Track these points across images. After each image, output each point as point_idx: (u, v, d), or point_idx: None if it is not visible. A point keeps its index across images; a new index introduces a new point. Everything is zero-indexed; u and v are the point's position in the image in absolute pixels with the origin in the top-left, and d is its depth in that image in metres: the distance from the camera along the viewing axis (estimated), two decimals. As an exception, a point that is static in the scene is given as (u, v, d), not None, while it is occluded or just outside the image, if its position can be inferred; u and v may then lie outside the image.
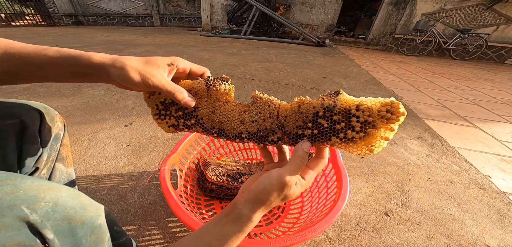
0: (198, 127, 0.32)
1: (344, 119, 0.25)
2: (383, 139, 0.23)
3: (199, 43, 4.02)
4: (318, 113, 0.26)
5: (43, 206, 0.20)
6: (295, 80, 2.05)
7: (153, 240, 0.57)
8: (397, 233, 0.63)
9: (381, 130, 0.23)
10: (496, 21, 4.60)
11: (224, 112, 0.31)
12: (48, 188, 0.21)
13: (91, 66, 0.27)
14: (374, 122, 0.23)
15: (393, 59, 4.09)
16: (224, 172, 0.66)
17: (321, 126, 0.26)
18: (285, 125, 0.28)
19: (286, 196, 0.26)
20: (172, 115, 0.32)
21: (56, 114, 0.40)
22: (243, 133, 0.30)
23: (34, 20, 6.32)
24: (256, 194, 0.27)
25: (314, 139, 0.27)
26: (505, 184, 0.86)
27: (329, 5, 5.42)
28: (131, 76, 0.27)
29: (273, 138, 0.29)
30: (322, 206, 0.54)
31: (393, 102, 0.22)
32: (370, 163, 0.92)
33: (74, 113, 1.17)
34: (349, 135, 0.24)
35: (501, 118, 1.53)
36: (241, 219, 0.27)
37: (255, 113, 0.30)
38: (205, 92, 0.30)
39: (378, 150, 0.24)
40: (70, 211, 0.21)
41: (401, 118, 0.22)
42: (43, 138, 0.36)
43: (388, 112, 0.22)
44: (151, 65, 0.29)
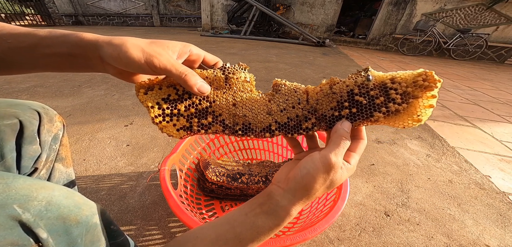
0: (217, 125, 0.26)
1: (382, 93, 0.24)
2: (427, 107, 0.22)
3: (199, 43, 4.02)
4: (353, 91, 0.25)
5: (35, 205, 0.19)
6: (295, 80, 2.03)
7: (153, 240, 0.57)
8: (397, 233, 0.63)
9: (423, 99, 0.22)
10: (496, 21, 4.60)
11: (247, 104, 0.27)
12: (41, 187, 0.21)
13: (81, 45, 0.23)
14: (413, 92, 0.22)
15: (393, 59, 4.09)
16: (224, 172, 0.66)
17: (360, 103, 0.24)
18: (318, 109, 0.26)
19: (332, 181, 0.23)
20: (181, 115, 0.26)
21: (55, 114, 0.39)
22: (273, 124, 0.26)
23: (34, 20, 6.32)
24: (298, 182, 0.23)
25: (354, 117, 0.25)
26: (505, 184, 0.86)
27: (329, 5, 5.42)
28: (131, 53, 0.23)
29: (307, 125, 0.26)
30: (322, 206, 0.54)
31: (427, 72, 0.22)
32: (370, 163, 0.92)
33: (74, 113, 1.17)
34: (392, 108, 0.23)
35: (501, 118, 1.53)
36: (278, 211, 0.24)
37: (282, 101, 0.27)
38: (223, 82, 0.26)
39: (425, 118, 0.22)
40: (64, 210, 0.21)
41: (438, 84, 0.22)
42: (42, 138, 0.36)
43: (425, 81, 0.22)
44: (158, 45, 0.24)
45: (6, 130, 0.31)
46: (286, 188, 0.24)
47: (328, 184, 0.23)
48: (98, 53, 0.24)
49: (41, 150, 0.36)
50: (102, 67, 0.25)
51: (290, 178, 0.24)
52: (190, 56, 0.27)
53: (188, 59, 0.27)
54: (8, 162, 0.31)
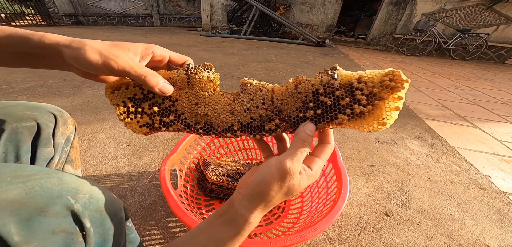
0: (179, 123, 0.27)
1: (348, 94, 0.23)
2: (393, 110, 0.21)
3: (199, 43, 4.02)
4: (318, 90, 0.24)
5: (82, 197, 0.21)
6: (295, 80, 2.05)
7: (153, 240, 0.57)
8: (397, 233, 0.63)
9: (389, 101, 0.21)
10: (496, 21, 4.60)
11: (210, 104, 0.26)
12: (84, 182, 0.23)
13: (43, 46, 0.24)
14: (379, 93, 0.21)
15: (393, 59, 4.09)
16: (224, 172, 0.66)
17: (324, 104, 0.23)
18: (282, 109, 0.25)
19: (289, 188, 0.22)
20: (144, 113, 0.27)
21: (68, 117, 0.40)
22: (235, 124, 0.26)
23: (34, 20, 6.33)
24: (253, 188, 0.23)
25: (318, 119, 0.24)
26: (505, 184, 0.86)
27: (329, 5, 5.42)
28: (88, 56, 0.23)
29: (270, 126, 0.25)
30: (322, 206, 0.54)
31: (394, 71, 0.21)
32: (370, 163, 0.92)
33: (74, 113, 1.17)
34: (356, 110, 0.22)
35: (501, 118, 1.53)
36: (237, 220, 0.23)
37: (246, 101, 0.26)
38: (186, 82, 0.26)
39: (390, 122, 0.21)
40: (101, 204, 0.23)
41: (405, 85, 0.20)
42: (56, 140, 0.37)
43: (392, 81, 0.21)
44: (118, 47, 0.24)
45: (23, 131, 0.31)
46: (244, 195, 0.24)
47: (285, 191, 0.22)
48: (59, 55, 0.24)
49: (54, 152, 0.37)
50: (66, 67, 0.26)
51: (248, 184, 0.24)
52: (154, 57, 0.27)
53: (152, 60, 0.27)
54: (23, 163, 0.31)
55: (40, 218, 0.18)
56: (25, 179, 0.19)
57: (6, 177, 0.18)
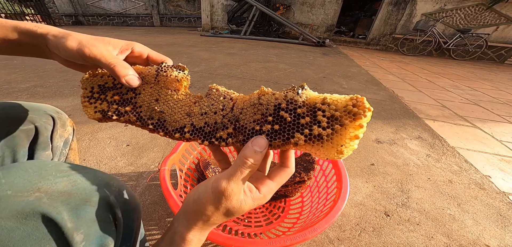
0: (132, 115, 0.26)
1: (309, 113, 0.22)
2: (353, 139, 0.20)
3: (199, 43, 4.02)
4: (280, 105, 0.23)
5: (113, 190, 0.23)
6: (295, 80, 2.05)
7: (153, 240, 0.57)
8: (397, 233, 0.63)
9: (349, 128, 0.20)
10: (496, 21, 4.60)
11: (169, 102, 0.26)
12: (113, 177, 0.25)
13: (34, 35, 0.25)
14: (341, 118, 0.20)
15: (393, 59, 4.09)
16: (224, 172, 0.66)
17: (283, 120, 0.22)
18: (240, 118, 0.24)
19: (228, 209, 0.21)
20: (105, 100, 0.27)
21: (67, 119, 0.40)
22: (187, 126, 0.25)
23: (34, 20, 6.32)
24: (190, 206, 0.22)
25: (275, 136, 0.22)
26: (505, 184, 0.86)
27: (329, 5, 5.42)
28: (68, 44, 0.24)
29: (222, 134, 0.24)
30: (322, 206, 0.54)
31: (358, 97, 0.20)
32: (370, 163, 0.92)
33: (74, 114, 1.17)
34: (315, 131, 0.21)
35: (501, 118, 1.53)
36: (175, 239, 0.22)
37: (206, 105, 0.25)
38: (153, 78, 0.27)
39: (348, 152, 0.20)
40: (127, 197, 0.24)
41: (367, 114, 0.19)
42: (54, 143, 0.36)
43: (355, 107, 0.20)
44: (98, 40, 0.25)
45: (21, 135, 0.31)
46: (182, 211, 0.23)
47: (224, 212, 0.21)
48: (44, 43, 0.25)
49: (52, 155, 0.36)
50: (50, 56, 0.27)
51: (187, 200, 0.23)
52: (133, 52, 0.28)
53: (131, 55, 0.29)
54: None
55: (85, 207, 0.19)
56: (67, 173, 0.21)
57: (51, 171, 0.20)
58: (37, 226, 0.16)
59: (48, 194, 0.18)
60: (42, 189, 0.18)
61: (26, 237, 0.16)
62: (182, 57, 2.71)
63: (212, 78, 1.92)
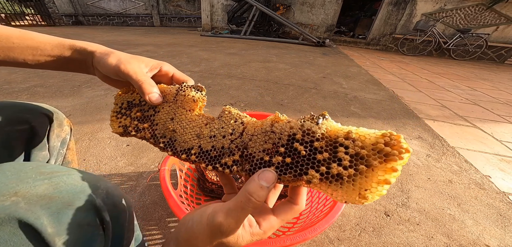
0: (147, 132, 0.27)
1: (328, 148, 0.19)
2: (382, 183, 0.16)
3: (199, 43, 4.02)
4: (295, 136, 0.20)
5: (100, 193, 0.22)
6: (295, 80, 2.05)
7: (153, 240, 0.57)
8: (397, 233, 0.63)
9: (378, 171, 0.16)
10: (496, 21, 4.60)
11: (182, 121, 0.26)
12: (101, 179, 0.24)
13: (86, 52, 0.28)
14: (368, 158, 0.17)
15: (393, 59, 4.09)
16: (224, 172, 0.66)
17: (297, 153, 0.19)
18: (249, 146, 0.22)
19: (222, 244, 0.19)
20: (129, 116, 0.28)
21: (64, 118, 0.39)
22: (194, 148, 0.24)
23: (34, 20, 6.32)
24: (182, 234, 0.21)
25: (285, 170, 0.19)
26: (505, 184, 0.86)
27: (329, 5, 5.42)
28: (108, 61, 0.27)
29: (227, 160, 0.22)
30: (322, 206, 0.54)
31: (392, 134, 0.17)
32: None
33: (74, 113, 1.17)
34: (333, 170, 0.18)
35: (501, 118, 1.53)
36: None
37: (216, 127, 0.24)
38: (172, 97, 0.27)
39: (373, 197, 0.16)
40: (116, 199, 0.24)
41: (405, 156, 0.16)
42: (51, 143, 0.36)
43: (387, 146, 0.16)
44: (134, 58, 0.28)
45: (17, 135, 0.31)
46: (174, 237, 0.22)
47: (216, 245, 0.19)
48: (91, 59, 0.28)
49: (49, 155, 0.36)
50: (92, 71, 0.30)
51: (179, 227, 0.22)
52: (160, 71, 0.30)
53: (158, 74, 0.31)
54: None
55: (68, 211, 0.18)
56: (49, 176, 0.20)
57: (31, 174, 0.19)
58: (14, 232, 0.15)
59: (26, 198, 0.17)
60: (19, 193, 0.17)
61: (2, 243, 0.15)
62: (182, 57, 2.71)
63: (212, 78, 1.92)
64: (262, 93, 1.65)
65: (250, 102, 1.47)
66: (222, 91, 1.64)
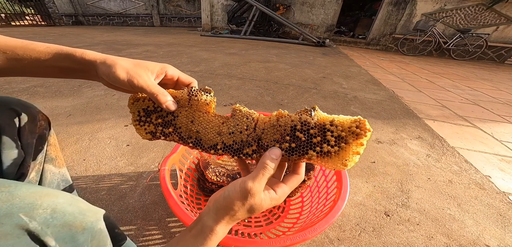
0: (175, 135, 0.31)
1: (320, 133, 0.25)
2: (355, 154, 0.24)
3: (199, 43, 4.02)
4: (296, 126, 0.26)
5: (41, 213, 0.19)
6: (295, 80, 2.05)
7: (153, 240, 0.57)
8: (397, 233, 0.63)
9: (352, 146, 0.24)
10: (496, 21, 4.59)
11: (202, 123, 0.31)
12: (45, 194, 0.21)
13: (83, 62, 0.28)
14: (346, 137, 0.24)
15: (393, 59, 4.09)
16: (224, 172, 0.66)
17: (299, 139, 0.26)
18: (262, 137, 0.28)
19: (251, 206, 0.24)
20: (151, 123, 0.32)
21: (37, 113, 0.36)
22: (219, 144, 0.30)
23: (34, 20, 6.32)
24: (219, 202, 0.25)
25: (292, 152, 0.26)
26: (505, 184, 0.86)
27: (329, 5, 5.42)
28: (118, 74, 0.27)
29: (248, 151, 0.29)
30: (322, 206, 0.54)
31: (360, 119, 0.24)
32: (370, 163, 0.92)
33: (74, 113, 1.17)
34: (324, 149, 0.25)
35: (501, 118, 1.53)
36: (204, 231, 0.24)
37: (232, 125, 0.30)
38: (187, 102, 0.31)
39: (351, 164, 0.24)
40: (69, 217, 0.21)
41: (368, 134, 0.23)
42: (24, 141, 0.33)
43: (357, 128, 0.23)
44: (140, 67, 0.29)
45: None
46: (212, 208, 0.25)
47: (248, 208, 0.24)
48: (94, 70, 0.28)
49: (24, 153, 0.33)
50: (97, 79, 0.30)
51: (216, 198, 0.26)
52: (166, 76, 0.32)
53: (164, 78, 0.32)
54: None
55: None
56: None
57: None
58: None
59: None
60: None
61: None
62: (182, 57, 2.71)
63: (212, 78, 1.92)
64: (262, 93, 1.65)
65: (250, 102, 1.47)
66: (222, 91, 1.64)
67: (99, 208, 0.27)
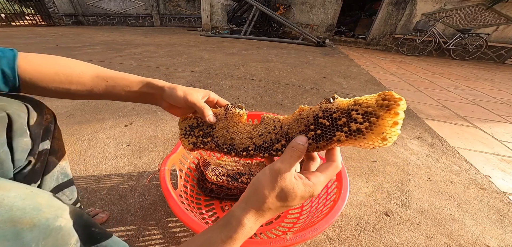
0: (212, 143, 0.36)
1: (345, 115, 0.25)
2: (393, 125, 0.22)
3: (199, 43, 4.02)
4: (318, 115, 0.27)
5: None
6: (295, 80, 2.05)
7: (153, 240, 0.57)
8: (397, 233, 0.63)
9: (386, 118, 0.22)
10: (496, 21, 4.59)
11: (235, 130, 0.35)
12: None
13: (157, 87, 0.37)
14: (375, 112, 0.22)
15: (393, 59, 4.09)
16: (224, 172, 0.66)
17: (323, 125, 0.26)
18: (289, 132, 0.30)
19: (282, 188, 0.23)
20: (194, 135, 0.38)
21: (44, 107, 0.39)
22: (250, 146, 0.33)
23: (34, 20, 6.32)
24: (250, 189, 0.24)
25: (319, 138, 0.26)
26: (505, 184, 0.86)
27: (329, 5, 5.42)
28: (178, 93, 0.36)
29: (277, 146, 0.31)
30: (322, 206, 0.54)
31: (386, 92, 0.23)
32: (370, 163, 0.92)
33: (74, 113, 1.17)
34: (353, 127, 0.24)
35: (501, 118, 1.53)
36: (231, 221, 0.24)
37: (262, 128, 0.33)
38: (223, 116, 0.37)
39: (392, 137, 0.22)
40: (16, 213, 0.20)
41: (400, 103, 0.21)
42: (33, 131, 0.35)
43: (385, 100, 0.22)
44: (193, 90, 0.38)
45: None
46: (242, 198, 0.25)
47: (278, 192, 0.23)
48: (161, 92, 0.37)
49: (33, 142, 0.35)
50: (159, 102, 0.39)
51: (247, 189, 0.26)
52: (209, 98, 0.40)
53: (207, 100, 0.40)
54: (1, 156, 0.30)
55: None
56: None
57: None
58: None
59: None
60: None
61: None
62: (182, 57, 2.71)
63: (212, 78, 1.92)
64: (262, 93, 1.65)
65: (250, 102, 1.47)
66: (222, 91, 1.64)
67: (68, 204, 0.26)
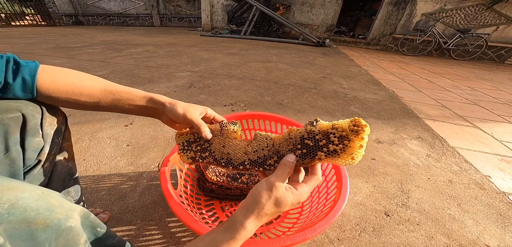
0: (210, 158, 0.39)
1: (325, 137, 0.30)
2: (360, 148, 0.28)
3: (199, 43, 4.02)
4: (304, 136, 0.32)
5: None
6: (295, 80, 2.05)
7: (153, 240, 0.57)
8: (397, 233, 0.63)
9: (355, 141, 0.28)
10: (496, 21, 4.59)
11: (231, 146, 0.38)
12: (8, 189, 0.20)
13: (159, 102, 0.40)
14: (347, 136, 0.28)
15: (393, 59, 4.09)
16: (224, 172, 0.66)
17: (308, 145, 0.32)
18: (279, 150, 0.34)
19: (276, 198, 0.28)
20: (192, 150, 0.40)
21: (58, 109, 0.40)
22: (246, 161, 0.36)
23: (34, 20, 6.32)
24: (249, 198, 0.29)
25: (304, 157, 0.32)
26: (505, 184, 0.86)
27: (329, 5, 5.42)
28: (178, 110, 0.39)
29: (270, 161, 0.35)
30: (322, 206, 0.54)
31: (356, 119, 0.28)
32: (370, 163, 0.92)
33: (74, 113, 1.17)
34: (331, 148, 0.30)
35: (501, 118, 1.53)
36: (234, 225, 0.28)
37: (256, 145, 0.37)
38: (219, 132, 0.40)
39: (358, 157, 0.28)
40: (30, 214, 0.20)
41: (365, 129, 0.27)
42: (45, 131, 0.36)
43: (355, 126, 0.28)
44: (191, 106, 0.41)
45: (10, 123, 0.31)
46: (243, 204, 0.29)
47: (273, 200, 0.28)
48: (162, 108, 0.41)
49: (44, 142, 0.36)
50: (159, 116, 0.42)
51: (246, 200, 0.30)
52: (206, 114, 0.43)
53: (204, 116, 0.43)
54: (13, 155, 0.31)
55: None
56: None
57: None
58: None
59: None
60: None
61: None
62: (182, 57, 2.71)
63: (212, 78, 1.92)
64: (262, 93, 1.65)
65: (250, 103, 1.47)
66: (222, 91, 1.64)
67: (77, 205, 0.26)
